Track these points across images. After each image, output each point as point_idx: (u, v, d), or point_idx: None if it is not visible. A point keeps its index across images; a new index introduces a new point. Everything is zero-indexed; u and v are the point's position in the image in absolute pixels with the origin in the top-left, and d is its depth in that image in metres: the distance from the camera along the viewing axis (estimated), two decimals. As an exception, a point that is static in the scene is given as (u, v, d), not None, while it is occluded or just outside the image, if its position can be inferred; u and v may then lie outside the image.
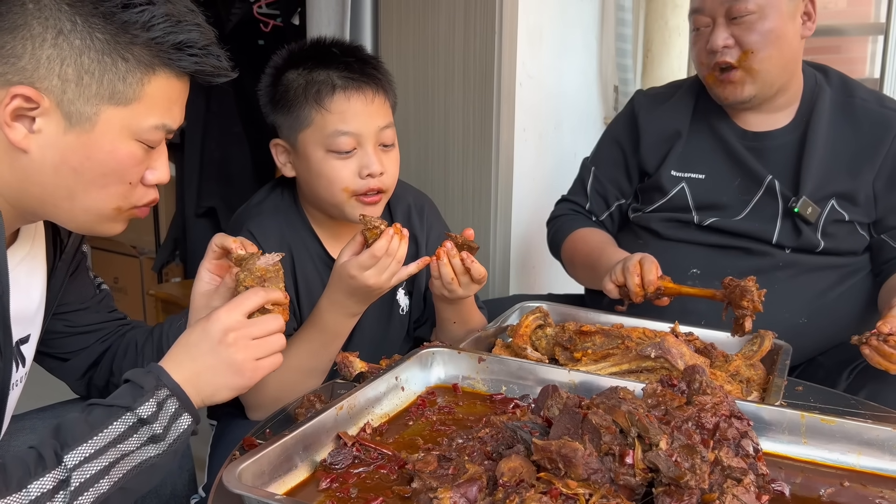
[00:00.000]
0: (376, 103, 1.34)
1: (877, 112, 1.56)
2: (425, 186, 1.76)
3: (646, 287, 1.37)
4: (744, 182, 1.60)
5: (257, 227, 1.37)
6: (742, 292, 1.30)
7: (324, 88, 1.31)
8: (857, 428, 0.99)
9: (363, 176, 1.32)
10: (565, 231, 1.76)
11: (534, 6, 2.23)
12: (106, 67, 0.89)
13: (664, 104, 1.74)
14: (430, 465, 0.89)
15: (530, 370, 1.17)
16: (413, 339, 1.58)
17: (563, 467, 0.79)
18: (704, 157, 1.65)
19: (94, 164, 0.91)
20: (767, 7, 1.49)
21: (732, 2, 1.49)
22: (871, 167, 1.53)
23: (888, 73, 2.50)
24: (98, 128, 0.90)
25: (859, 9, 2.73)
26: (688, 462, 0.79)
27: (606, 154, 1.81)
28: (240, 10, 2.68)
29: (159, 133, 0.95)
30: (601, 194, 1.78)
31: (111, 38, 0.88)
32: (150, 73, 0.91)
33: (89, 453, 0.83)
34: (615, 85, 2.75)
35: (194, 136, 2.85)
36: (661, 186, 1.66)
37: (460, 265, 1.28)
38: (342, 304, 1.25)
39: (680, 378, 0.99)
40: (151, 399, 0.88)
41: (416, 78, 2.19)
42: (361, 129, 1.31)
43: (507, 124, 2.13)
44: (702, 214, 1.61)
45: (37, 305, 1.06)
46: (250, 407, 1.31)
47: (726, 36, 1.52)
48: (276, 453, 0.88)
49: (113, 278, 3.54)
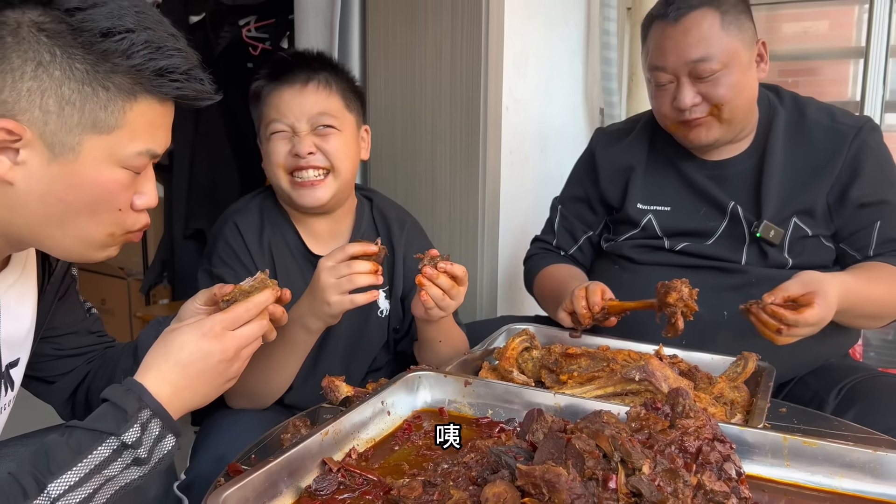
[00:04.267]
0: (309, 90, 1.44)
1: (829, 127, 1.59)
2: (413, 209, 1.77)
3: (591, 308, 1.44)
4: (709, 211, 1.64)
5: (241, 220, 1.50)
6: (667, 290, 1.35)
7: (265, 87, 1.47)
8: (839, 450, 0.99)
9: (292, 154, 1.43)
10: (536, 270, 1.83)
11: (519, 31, 2.26)
12: (87, 97, 0.89)
13: (621, 141, 1.79)
14: (415, 490, 0.89)
15: (516, 393, 1.17)
16: (395, 352, 1.59)
17: (546, 492, 0.80)
18: (667, 189, 1.69)
19: (80, 193, 0.91)
20: (730, 62, 1.51)
21: (696, 63, 1.51)
22: (827, 181, 1.56)
23: (868, 95, 2.55)
24: (82, 157, 0.90)
25: (840, 32, 2.79)
26: (670, 486, 0.79)
27: (571, 192, 1.88)
28: (229, 34, 2.70)
29: (144, 158, 0.95)
30: (568, 230, 1.85)
31: (91, 68, 0.89)
32: (132, 101, 0.91)
33: (74, 481, 0.82)
34: (601, 108, 2.79)
35: (183, 158, 2.85)
36: (631, 219, 1.71)
37: (447, 281, 1.29)
38: (300, 306, 1.30)
39: (664, 401, 0.99)
40: (136, 424, 0.87)
41: (403, 102, 2.21)
42: (289, 114, 1.43)
43: (493, 147, 2.15)
44: (672, 241, 1.66)
45: (27, 329, 1.07)
46: (228, 395, 1.37)
47: (693, 94, 1.53)
48: (260, 480, 0.87)
49: (100, 300, 3.52)
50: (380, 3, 2.21)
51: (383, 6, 2.21)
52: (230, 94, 2.80)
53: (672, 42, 1.53)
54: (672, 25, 1.52)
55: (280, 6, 2.58)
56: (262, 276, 1.07)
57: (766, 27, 2.83)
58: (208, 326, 0.98)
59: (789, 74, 2.90)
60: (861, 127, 1.58)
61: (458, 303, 1.33)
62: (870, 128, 1.59)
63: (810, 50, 2.81)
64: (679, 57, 1.52)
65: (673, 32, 1.52)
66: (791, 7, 2.79)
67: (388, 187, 2.13)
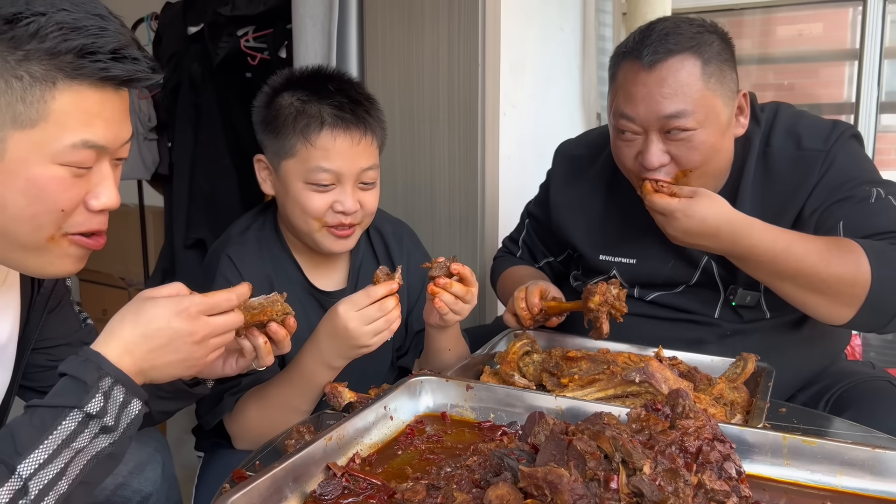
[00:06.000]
0: (362, 145, 1.36)
1: (795, 156, 1.42)
2: (412, 215, 1.79)
3: (530, 309, 1.44)
4: (677, 264, 1.50)
5: (237, 254, 1.39)
6: (589, 295, 1.36)
7: (312, 123, 1.33)
8: (838, 448, 1.00)
9: (336, 210, 1.35)
10: (499, 270, 1.81)
11: (516, 37, 2.28)
12: (1, 90, 0.83)
13: (579, 178, 1.65)
14: (418, 494, 0.90)
15: (518, 397, 1.18)
16: (397, 368, 1.60)
17: (549, 494, 0.81)
18: (632, 241, 1.54)
19: (15, 195, 0.86)
20: (706, 121, 1.33)
21: (669, 119, 1.32)
22: (793, 211, 1.41)
23: (863, 96, 2.57)
24: (8, 156, 0.85)
25: (834, 34, 2.81)
26: (671, 486, 0.80)
27: (536, 210, 1.79)
28: (227, 44, 2.72)
29: (83, 152, 0.88)
30: (530, 249, 1.81)
31: (1, 59, 0.83)
32: (52, 88, 0.85)
33: (43, 458, 0.80)
34: (597, 112, 2.80)
35: (183, 168, 2.87)
36: (595, 268, 1.61)
37: (461, 288, 1.29)
38: (321, 349, 1.24)
39: (664, 402, 1.00)
40: (97, 393, 0.84)
41: (401, 109, 2.23)
42: (343, 168, 1.34)
43: (491, 153, 2.17)
44: (643, 291, 1.55)
45: (6, 339, 1.05)
46: (236, 437, 1.32)
47: (661, 154, 1.35)
48: (265, 485, 0.88)
49: (101, 310, 3.53)
50: (377, 11, 2.23)
51: (380, 15, 2.22)
52: (229, 103, 2.83)
53: (645, 90, 1.33)
54: (646, 71, 1.33)
55: (278, 16, 2.60)
56: (277, 296, 1.06)
57: (761, 30, 2.85)
58: (184, 306, 0.92)
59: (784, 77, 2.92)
60: (828, 150, 1.40)
61: (472, 305, 1.33)
62: (840, 143, 1.41)
63: (805, 52, 2.83)
64: (651, 109, 1.33)
65: (647, 79, 1.33)
66: (785, 10, 2.81)
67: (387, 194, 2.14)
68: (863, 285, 1.26)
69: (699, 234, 1.31)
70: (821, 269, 1.27)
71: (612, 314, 1.38)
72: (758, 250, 1.29)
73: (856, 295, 1.27)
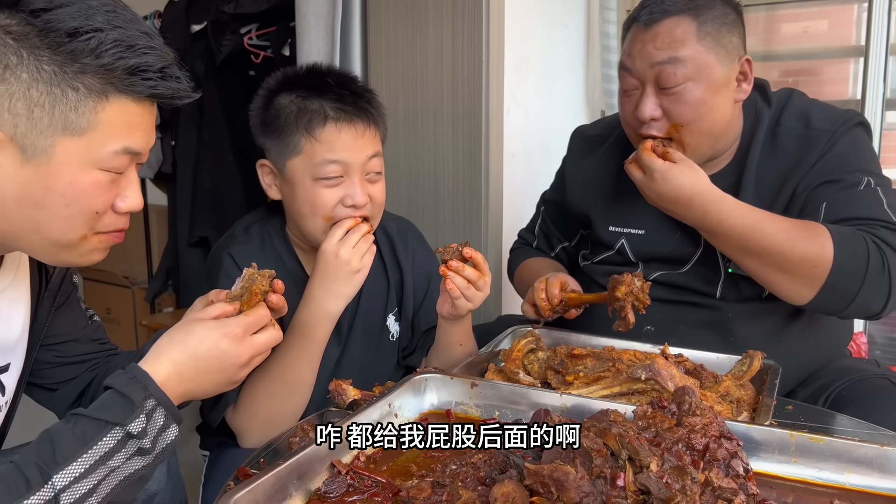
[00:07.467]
0: (367, 136, 1.36)
1: (802, 135, 1.47)
2: (416, 211, 1.78)
3: (550, 301, 1.45)
4: (684, 235, 1.53)
5: (239, 253, 1.40)
6: (616, 284, 1.36)
7: (315, 118, 1.33)
8: (846, 446, 0.99)
9: (347, 205, 1.34)
10: (516, 262, 1.83)
11: (520, 34, 2.27)
12: (56, 99, 0.87)
13: (594, 151, 1.70)
14: (423, 492, 0.90)
15: (523, 394, 1.18)
16: (404, 367, 1.59)
17: (555, 491, 0.80)
18: (641, 212, 1.57)
19: (55, 196, 0.90)
20: (698, 75, 1.39)
21: (661, 66, 1.40)
22: (791, 187, 1.45)
23: (869, 93, 2.56)
24: (55, 160, 0.88)
25: (839, 31, 2.80)
26: (678, 483, 0.80)
27: (551, 194, 1.84)
28: (231, 42, 2.72)
29: (122, 158, 0.93)
30: (546, 236, 1.84)
31: (59, 69, 0.86)
32: (104, 101, 0.89)
33: (80, 472, 0.82)
34: (602, 109, 2.79)
35: (186, 167, 2.87)
36: (604, 241, 1.64)
37: (473, 272, 1.30)
38: (317, 297, 1.28)
39: (670, 400, 1.00)
40: (141, 414, 0.87)
41: (405, 107, 2.22)
42: (349, 158, 1.33)
43: (495, 150, 2.16)
44: (647, 268, 1.58)
45: (18, 335, 1.06)
46: (242, 434, 1.31)
47: (654, 106, 1.42)
48: (270, 483, 0.88)
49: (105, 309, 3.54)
50: (380, 8, 2.23)
51: (384, 12, 2.22)
52: (233, 101, 2.83)
53: (640, 44, 1.43)
54: (643, 29, 1.42)
55: (281, 14, 2.60)
56: (250, 272, 1.06)
57: (766, 27, 2.84)
58: (232, 327, 0.99)
59: (789, 74, 2.91)
60: (835, 130, 1.45)
61: (484, 294, 1.33)
62: (847, 127, 1.46)
63: (810, 50, 2.82)
64: (645, 59, 1.42)
65: (643, 35, 1.43)
66: (790, 7, 2.80)
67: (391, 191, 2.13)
68: (824, 267, 1.31)
69: (672, 200, 1.37)
70: (786, 248, 1.32)
71: (636, 305, 1.38)
72: (727, 224, 1.35)
73: (816, 276, 1.32)
